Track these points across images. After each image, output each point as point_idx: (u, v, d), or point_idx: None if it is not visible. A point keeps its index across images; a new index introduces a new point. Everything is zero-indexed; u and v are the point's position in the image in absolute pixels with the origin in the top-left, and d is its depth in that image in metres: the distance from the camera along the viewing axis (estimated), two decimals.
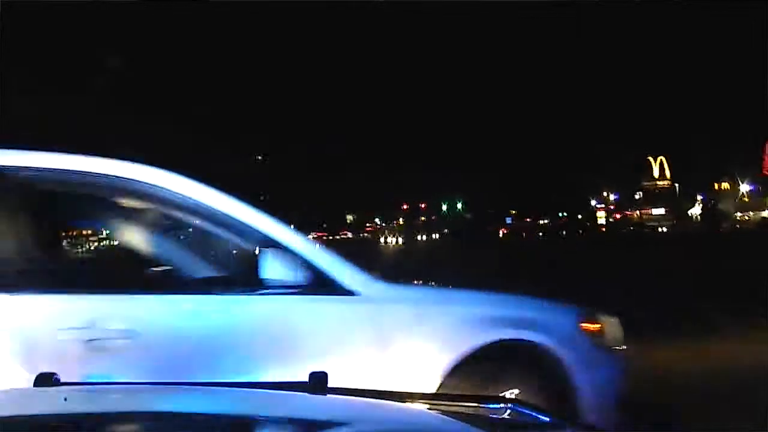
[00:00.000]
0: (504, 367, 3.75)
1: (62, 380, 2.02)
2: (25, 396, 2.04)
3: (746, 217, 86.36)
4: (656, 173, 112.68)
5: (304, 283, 3.47)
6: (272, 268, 3.43)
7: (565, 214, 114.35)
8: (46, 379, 1.99)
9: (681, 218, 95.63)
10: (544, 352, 3.81)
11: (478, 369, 3.61)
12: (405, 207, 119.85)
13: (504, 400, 2.21)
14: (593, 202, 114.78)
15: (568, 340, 3.93)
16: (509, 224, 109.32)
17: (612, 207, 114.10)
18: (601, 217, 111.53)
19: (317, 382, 2.02)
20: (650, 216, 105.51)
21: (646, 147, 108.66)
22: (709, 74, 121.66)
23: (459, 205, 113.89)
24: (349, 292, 3.52)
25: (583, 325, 4.08)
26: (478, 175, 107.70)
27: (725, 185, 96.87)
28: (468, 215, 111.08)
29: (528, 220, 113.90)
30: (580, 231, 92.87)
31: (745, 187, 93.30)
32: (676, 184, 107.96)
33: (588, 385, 3.86)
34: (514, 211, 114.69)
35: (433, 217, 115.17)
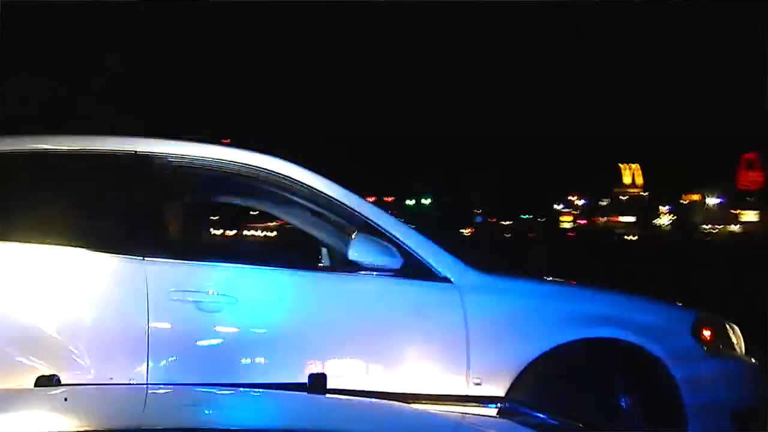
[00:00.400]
0: (592, 365, 3.68)
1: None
2: (25, 396, 2.06)
3: (715, 230, 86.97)
4: (627, 180, 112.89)
5: (400, 267, 3.55)
6: (369, 251, 3.52)
7: (529, 216, 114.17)
8: (46, 381, 2.08)
9: (649, 227, 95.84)
10: (643, 353, 3.66)
11: (561, 365, 3.59)
12: (370, 200, 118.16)
13: (502, 399, 2.28)
14: (560, 206, 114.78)
15: (674, 343, 3.75)
16: (477, 223, 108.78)
17: (576, 212, 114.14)
18: (567, 222, 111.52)
19: (316, 383, 2.07)
20: (618, 223, 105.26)
21: (618, 153, 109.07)
22: (686, 83, 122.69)
23: (426, 202, 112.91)
24: (443, 279, 3.58)
25: (697, 329, 3.85)
26: (448, 173, 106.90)
27: (695, 197, 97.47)
28: (435, 212, 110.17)
29: (494, 220, 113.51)
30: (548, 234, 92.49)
31: (713, 200, 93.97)
32: (646, 193, 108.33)
33: (694, 390, 3.65)
34: (479, 211, 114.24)
35: (394, 212, 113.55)
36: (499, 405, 2.19)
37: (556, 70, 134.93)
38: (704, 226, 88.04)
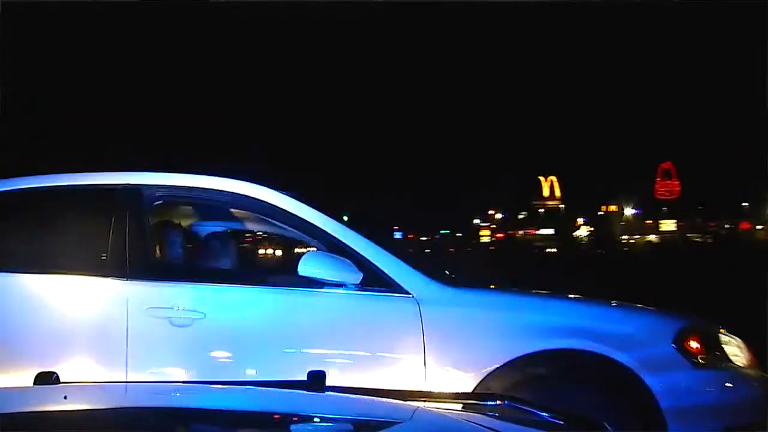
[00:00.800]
0: (555, 376, 3.69)
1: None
2: (25, 394, 2.11)
3: (632, 240, 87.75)
4: (546, 192, 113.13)
5: (360, 281, 3.70)
6: (322, 266, 3.72)
7: (447, 231, 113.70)
8: (45, 378, 2.11)
9: (568, 239, 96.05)
10: (612, 364, 3.58)
11: (523, 376, 3.61)
12: None
13: (501, 397, 2.28)
14: (478, 221, 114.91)
15: (650, 353, 3.67)
16: (396, 240, 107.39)
17: (494, 226, 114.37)
18: (485, 236, 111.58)
19: (315, 381, 2.13)
20: (536, 236, 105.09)
21: (538, 167, 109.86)
22: (603, 94, 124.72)
23: (344, 219, 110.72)
24: (403, 292, 3.70)
25: (682, 339, 3.69)
26: (367, 189, 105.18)
27: (612, 207, 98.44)
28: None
29: (411, 237, 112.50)
30: (469, 249, 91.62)
31: (630, 210, 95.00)
32: (563, 205, 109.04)
33: (675, 402, 3.53)
34: (397, 227, 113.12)
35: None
36: (498, 402, 2.15)
37: (475, 81, 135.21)
38: (623, 237, 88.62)
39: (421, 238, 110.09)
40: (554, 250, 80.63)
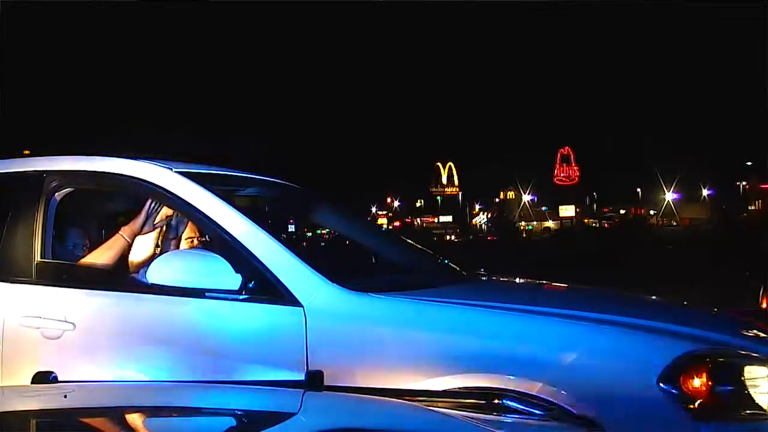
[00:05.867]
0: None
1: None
2: (24, 393, 2.07)
3: (530, 227, 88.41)
4: (444, 179, 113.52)
5: (248, 287, 3.15)
6: (190, 270, 3.15)
7: None
8: (43, 377, 2.12)
9: (467, 227, 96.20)
10: (561, 415, 2.57)
11: None
12: None
13: (499, 395, 2.18)
14: (375, 209, 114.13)
15: (622, 398, 2.65)
16: (290, 233, 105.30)
17: (390, 215, 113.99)
18: (382, 225, 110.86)
19: (313, 380, 2.12)
20: (435, 224, 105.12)
21: (436, 153, 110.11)
22: (499, 81, 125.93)
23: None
24: (292, 301, 3.05)
25: (673, 374, 2.63)
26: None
27: (510, 194, 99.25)
28: None
29: (306, 230, 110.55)
30: None
31: (528, 197, 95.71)
32: (461, 192, 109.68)
33: None
34: (291, 220, 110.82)
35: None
36: (496, 402, 2.11)
37: (369, 66, 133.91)
38: (521, 224, 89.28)
39: (318, 231, 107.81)
40: (453, 237, 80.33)
